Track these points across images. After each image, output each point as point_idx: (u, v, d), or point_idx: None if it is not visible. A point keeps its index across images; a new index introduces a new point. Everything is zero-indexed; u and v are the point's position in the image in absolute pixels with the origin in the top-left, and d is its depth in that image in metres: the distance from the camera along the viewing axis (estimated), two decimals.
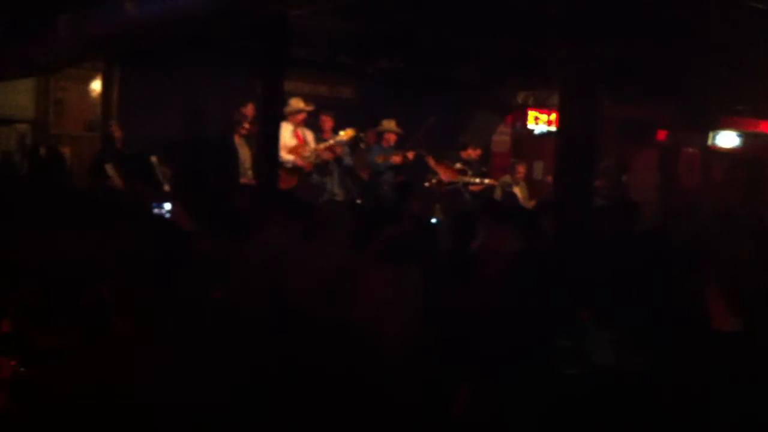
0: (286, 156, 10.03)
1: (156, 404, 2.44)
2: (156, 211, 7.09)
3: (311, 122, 10.70)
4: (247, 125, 9.95)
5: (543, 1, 7.12)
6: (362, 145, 11.42)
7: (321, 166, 10.56)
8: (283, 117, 9.77)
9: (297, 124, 10.42)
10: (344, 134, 10.58)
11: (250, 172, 9.96)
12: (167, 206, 6.96)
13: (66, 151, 11.71)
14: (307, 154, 10.34)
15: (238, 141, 10.04)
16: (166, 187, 9.64)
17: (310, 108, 10.50)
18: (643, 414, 3.19)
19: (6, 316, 3.56)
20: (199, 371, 2.57)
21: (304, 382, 2.69)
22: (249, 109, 9.98)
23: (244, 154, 10.05)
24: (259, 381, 2.64)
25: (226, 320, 3.01)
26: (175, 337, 2.65)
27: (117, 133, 10.67)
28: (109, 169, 9.92)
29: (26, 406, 2.55)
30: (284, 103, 9.68)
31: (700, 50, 9.02)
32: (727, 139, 15.68)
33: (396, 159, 11.20)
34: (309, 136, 10.55)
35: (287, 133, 10.09)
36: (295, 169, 10.24)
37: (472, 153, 12.21)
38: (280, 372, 2.72)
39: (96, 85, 12.37)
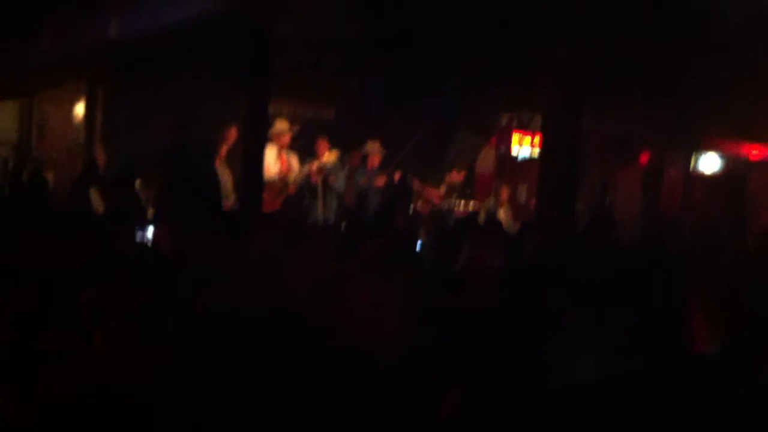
0: (269, 178, 9.99)
1: (152, 405, 2.47)
2: (139, 234, 7.04)
3: (306, 145, 10.67)
4: (227, 147, 9.91)
5: (525, 22, 7.15)
6: (346, 167, 11.42)
7: (306, 189, 10.53)
8: (268, 139, 9.77)
9: (282, 147, 10.39)
10: (327, 156, 10.58)
11: (232, 195, 9.93)
12: (150, 230, 6.91)
13: (49, 174, 11.66)
14: (291, 177, 10.31)
15: (219, 165, 10.00)
16: (150, 212, 9.59)
17: (293, 129, 10.47)
18: (627, 428, 3.17)
19: None
20: (191, 373, 2.59)
21: (295, 384, 2.69)
22: (231, 133, 9.96)
23: (226, 176, 10.01)
24: (252, 384, 2.64)
25: (215, 324, 3.01)
26: (164, 340, 2.67)
27: (101, 158, 10.62)
28: (92, 193, 9.86)
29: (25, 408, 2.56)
30: (268, 124, 9.66)
31: (683, 69, 9.07)
32: (709, 161, 15.76)
33: (380, 181, 11.20)
34: (293, 159, 10.52)
35: (271, 157, 10.07)
36: (280, 191, 10.19)
37: (456, 175, 12.22)
38: (272, 375, 2.71)
39: (79, 109, 12.35)
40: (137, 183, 9.78)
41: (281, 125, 10.40)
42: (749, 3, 5.97)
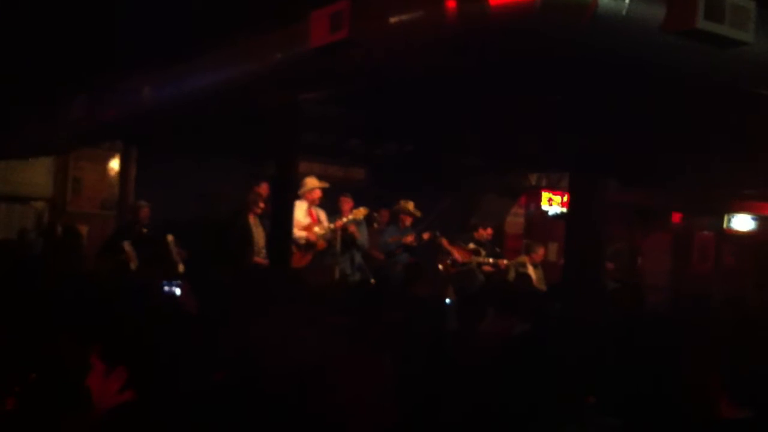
0: (299, 233, 10.08)
1: None
2: (166, 289, 7.12)
3: (329, 204, 10.77)
4: (261, 204, 10.04)
5: (548, 93, 7.23)
6: (375, 225, 11.50)
7: (334, 246, 10.58)
8: (298, 196, 9.89)
9: (311, 203, 10.48)
10: (357, 213, 10.65)
11: (263, 252, 10.02)
12: (177, 287, 6.98)
13: (83, 229, 11.83)
14: (320, 232, 10.37)
15: (252, 221, 10.11)
16: (180, 268, 9.69)
17: (324, 185, 10.56)
18: None
19: (10, 395, 3.58)
20: None
21: None
22: (263, 188, 10.09)
23: (258, 233, 10.11)
24: None
25: (226, 403, 3.02)
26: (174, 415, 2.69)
27: (143, 213, 10.70)
28: (126, 246, 9.99)
29: None
30: (297, 184, 9.78)
31: (712, 136, 9.09)
32: (741, 223, 15.65)
33: (408, 239, 11.26)
34: (322, 215, 10.62)
35: (301, 212, 10.17)
36: (308, 247, 10.27)
37: (483, 233, 12.24)
38: None
39: (113, 165, 12.57)
40: (170, 239, 9.88)
41: (312, 182, 10.50)
42: None
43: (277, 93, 7.00)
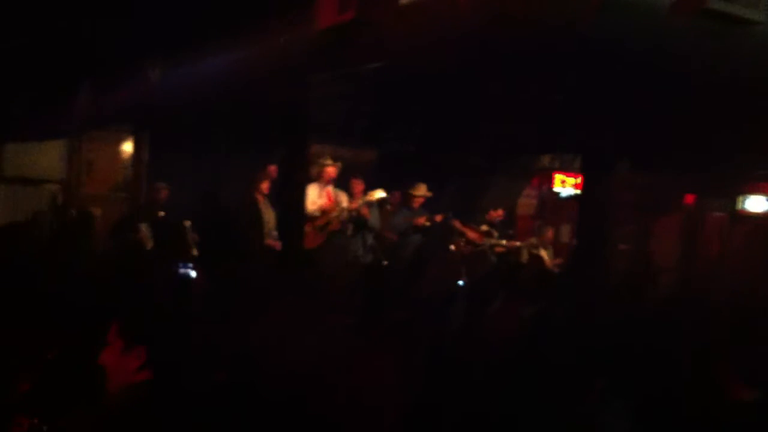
0: (313, 211, 10.08)
1: None
2: (181, 271, 7.17)
3: (341, 187, 10.75)
4: (266, 184, 10.01)
5: (564, 77, 7.21)
6: (388, 207, 11.49)
7: (347, 227, 10.57)
8: (311, 179, 9.89)
9: (326, 183, 10.43)
10: (372, 195, 10.62)
11: (274, 233, 10.03)
12: (192, 270, 7.03)
13: (96, 211, 11.87)
14: (334, 213, 10.34)
15: (262, 202, 10.10)
16: (194, 252, 9.71)
17: (337, 164, 10.52)
18: None
19: (25, 376, 3.61)
20: None
21: None
22: (271, 170, 10.09)
23: (268, 214, 10.11)
24: None
25: (229, 401, 3.04)
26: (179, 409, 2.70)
27: (161, 195, 10.73)
28: (143, 227, 10.02)
29: None
30: (308, 165, 9.75)
31: (725, 117, 9.04)
32: (755, 204, 15.57)
33: (420, 220, 11.26)
34: (342, 197, 10.55)
35: (314, 192, 10.17)
36: (322, 228, 10.25)
37: (495, 214, 12.23)
38: None
39: (126, 147, 12.60)
40: (187, 224, 9.88)
41: (327, 161, 10.46)
42: None
43: (287, 75, 6.99)
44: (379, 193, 10.62)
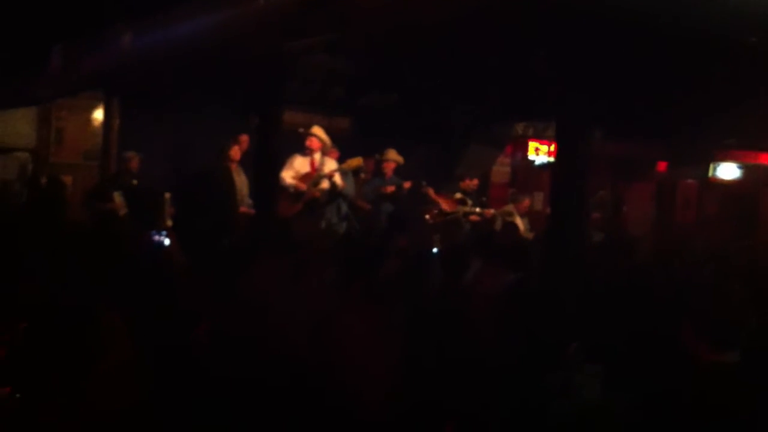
0: (289, 181, 10.03)
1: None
2: (155, 238, 7.14)
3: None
4: (236, 151, 9.93)
5: (536, 46, 7.20)
6: (362, 175, 11.47)
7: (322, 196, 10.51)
8: (282, 146, 9.83)
9: (310, 152, 10.29)
10: (350, 163, 10.55)
11: (248, 200, 9.99)
12: (165, 238, 7.00)
13: (67, 179, 11.78)
14: (311, 181, 10.25)
15: (234, 169, 10.04)
16: (169, 222, 9.64)
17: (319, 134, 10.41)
18: None
19: (1, 344, 3.59)
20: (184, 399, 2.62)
21: (287, 421, 2.72)
22: (244, 138, 10.04)
23: (241, 181, 10.05)
24: (242, 419, 2.67)
25: (208, 355, 3.04)
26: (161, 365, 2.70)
27: (133, 163, 10.70)
28: (117, 196, 9.96)
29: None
30: (281, 133, 9.67)
31: (696, 84, 9.08)
32: (726, 171, 15.71)
33: (389, 189, 11.23)
34: (330, 164, 10.44)
35: (298, 161, 10.13)
36: (298, 196, 10.18)
37: (469, 183, 12.23)
38: (263, 410, 2.74)
39: (96, 115, 12.48)
40: (167, 196, 9.79)
41: (316, 130, 10.36)
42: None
43: (261, 41, 6.93)
44: (355, 162, 10.57)
